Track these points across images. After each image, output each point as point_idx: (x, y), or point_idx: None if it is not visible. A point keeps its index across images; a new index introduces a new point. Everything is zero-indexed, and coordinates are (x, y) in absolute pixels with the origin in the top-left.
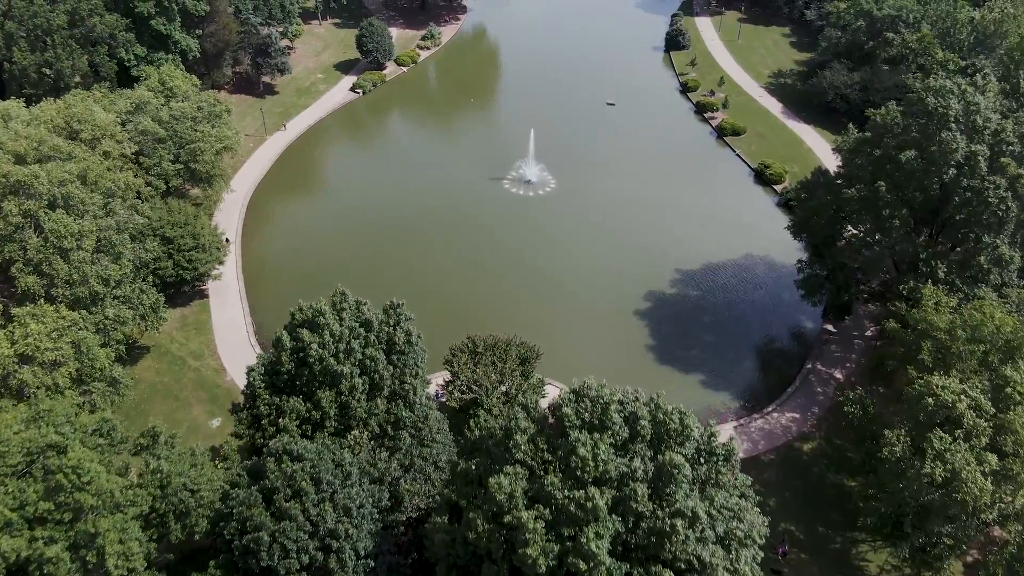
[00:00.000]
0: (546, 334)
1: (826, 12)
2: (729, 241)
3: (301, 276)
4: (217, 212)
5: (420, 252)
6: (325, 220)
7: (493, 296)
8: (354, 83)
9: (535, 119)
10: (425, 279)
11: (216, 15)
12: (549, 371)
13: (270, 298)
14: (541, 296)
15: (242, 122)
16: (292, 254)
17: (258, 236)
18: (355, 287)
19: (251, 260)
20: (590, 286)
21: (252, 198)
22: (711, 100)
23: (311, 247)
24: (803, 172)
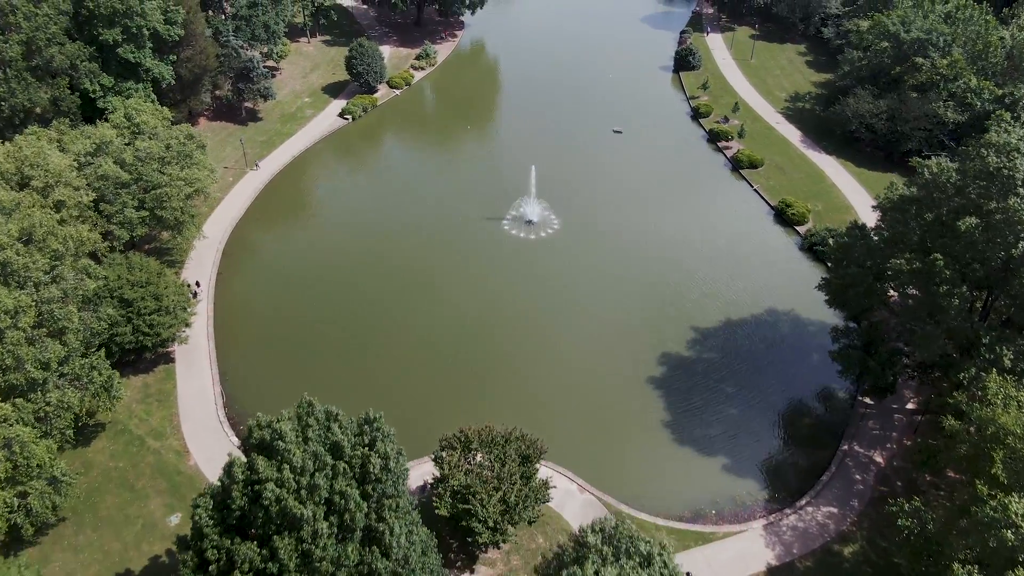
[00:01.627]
0: (548, 408)
1: (845, 30)
2: (750, 292)
3: (279, 335)
4: (188, 261)
5: (409, 307)
6: (307, 268)
7: (489, 362)
8: (343, 108)
9: (536, 149)
10: (413, 339)
11: (192, 39)
12: (553, 452)
13: (244, 362)
14: (543, 362)
15: (222, 152)
16: (270, 308)
17: (233, 287)
18: (336, 351)
19: (224, 316)
20: (598, 349)
21: (228, 241)
22: (725, 128)
23: (291, 300)
24: (827, 212)
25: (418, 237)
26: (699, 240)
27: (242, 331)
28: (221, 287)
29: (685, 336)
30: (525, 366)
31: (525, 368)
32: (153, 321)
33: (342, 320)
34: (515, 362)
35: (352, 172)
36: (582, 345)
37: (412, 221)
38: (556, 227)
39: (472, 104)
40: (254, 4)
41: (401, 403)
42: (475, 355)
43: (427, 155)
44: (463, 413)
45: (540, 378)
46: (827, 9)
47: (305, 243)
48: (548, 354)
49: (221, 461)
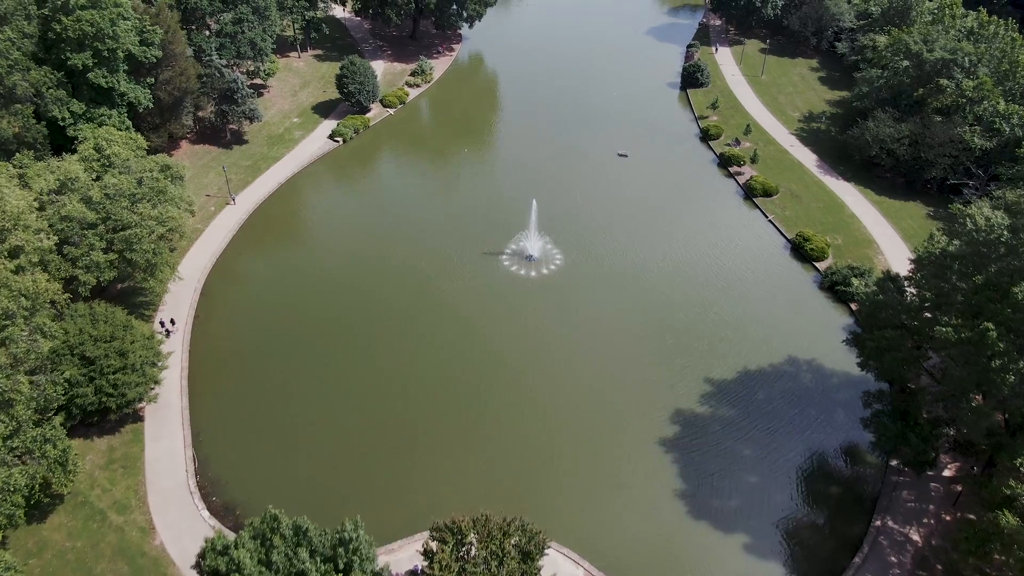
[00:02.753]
0: (549, 472)
1: (860, 46)
2: (767, 338)
3: (259, 386)
4: (162, 305)
5: (398, 355)
6: (291, 309)
7: (485, 419)
8: (333, 130)
9: (537, 174)
10: (401, 392)
11: (172, 59)
12: (556, 527)
13: (220, 419)
14: (543, 420)
15: (204, 178)
16: (251, 355)
17: (211, 331)
18: (320, 404)
19: (200, 364)
20: (605, 406)
21: (207, 279)
22: (737, 152)
23: (274, 346)
24: (848, 247)
25: (410, 275)
26: (711, 278)
27: (219, 383)
28: (198, 331)
29: (699, 389)
30: (524, 424)
31: (524, 427)
32: (118, 381)
33: (327, 369)
34: (513, 420)
35: (341, 202)
36: (586, 400)
37: (404, 257)
38: (558, 263)
39: (470, 124)
40: (239, 20)
41: (388, 466)
42: (470, 411)
43: (421, 182)
44: (456, 476)
45: (540, 438)
46: (840, 23)
47: (289, 282)
48: (549, 411)
49: (189, 540)
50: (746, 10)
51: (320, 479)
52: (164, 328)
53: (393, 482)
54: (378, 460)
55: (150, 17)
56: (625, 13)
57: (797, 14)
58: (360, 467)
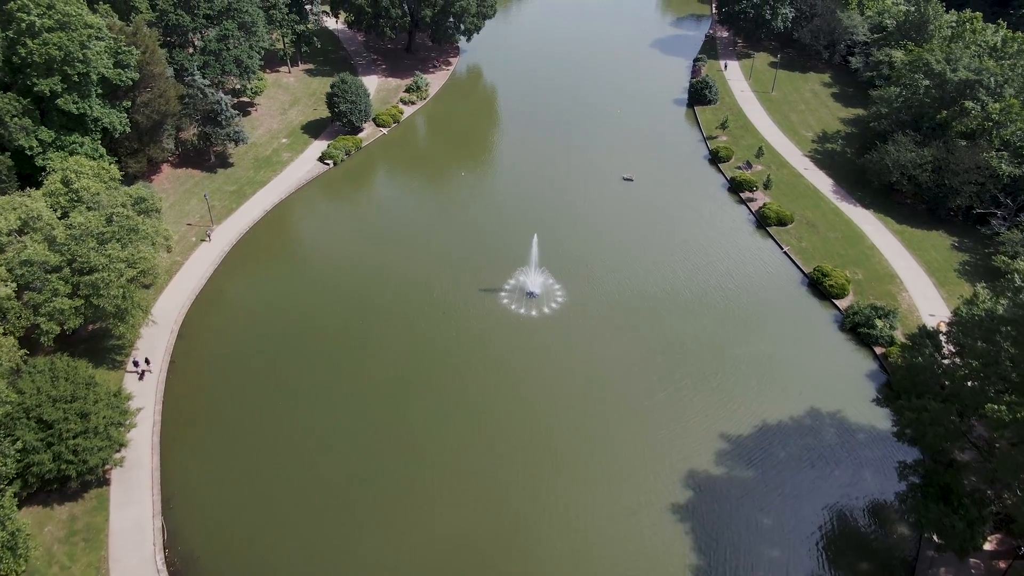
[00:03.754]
0: (548, 547)
1: (875, 61)
2: (787, 388)
3: (237, 442)
4: (138, 341)
5: (389, 410)
6: (274, 353)
7: (479, 492)
8: (323, 152)
9: (538, 200)
10: (392, 454)
11: (150, 81)
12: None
13: (194, 482)
14: (543, 484)
15: (186, 205)
16: (230, 406)
17: (188, 379)
18: (302, 464)
19: (174, 418)
20: (609, 468)
21: (186, 319)
22: (748, 176)
23: (255, 394)
24: (869, 282)
25: (401, 317)
26: (724, 317)
27: (195, 439)
28: (173, 379)
29: (713, 446)
30: (522, 484)
31: (519, 501)
32: (78, 446)
33: (312, 422)
34: (509, 493)
35: (329, 232)
36: (590, 462)
37: (395, 296)
38: (560, 300)
39: (467, 145)
40: (224, 36)
41: (381, 542)
42: (465, 470)
43: (416, 209)
44: (449, 542)
45: (540, 498)
46: (854, 36)
47: (273, 323)
48: (548, 470)
49: None
50: (755, 23)
51: (304, 556)
52: (138, 368)
53: (387, 560)
54: (370, 533)
55: (126, 37)
56: (628, 23)
57: (808, 27)
58: (350, 542)
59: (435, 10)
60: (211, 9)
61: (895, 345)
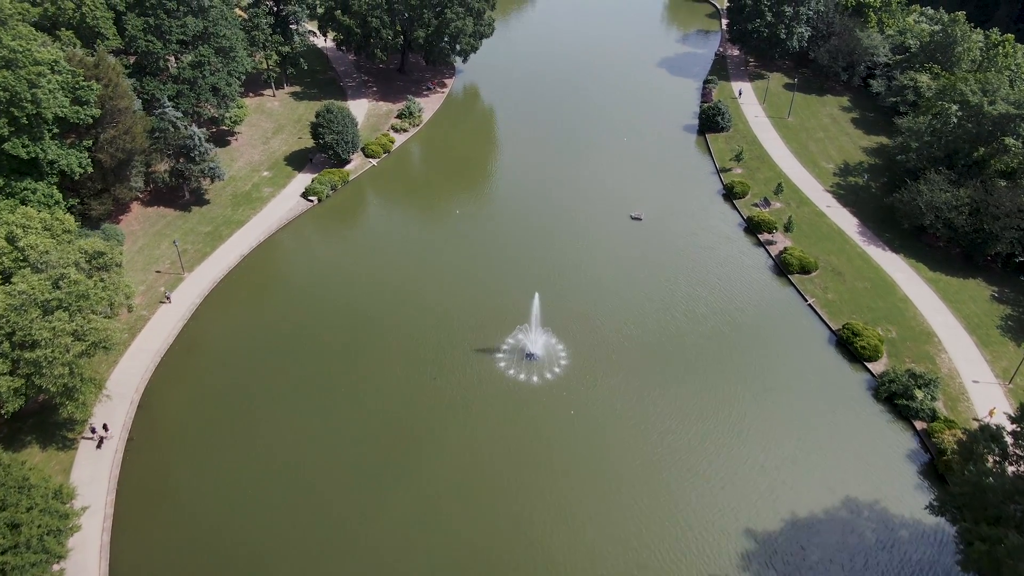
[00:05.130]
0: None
1: (899, 86)
2: (818, 473)
3: (204, 536)
4: (97, 405)
5: (367, 503)
6: (245, 428)
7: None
8: (307, 187)
9: (539, 242)
10: (368, 556)
11: (115, 116)
12: None
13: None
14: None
15: (155, 250)
16: (194, 491)
17: (146, 460)
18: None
19: (129, 508)
20: (617, 572)
21: (149, 387)
22: (767, 216)
23: (221, 480)
24: (904, 341)
25: (386, 382)
26: (745, 386)
27: (151, 538)
28: (132, 459)
29: (741, 546)
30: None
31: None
32: (6, 564)
33: (283, 518)
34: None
35: (309, 282)
36: (598, 569)
37: (379, 357)
38: (564, 363)
39: (462, 177)
40: (199, 63)
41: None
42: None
43: (405, 253)
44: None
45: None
46: (875, 57)
47: (246, 387)
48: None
49: None
50: (769, 42)
51: None
52: (95, 435)
53: None
54: None
55: (86, 69)
56: (633, 40)
57: (825, 47)
58: None
59: (428, 31)
60: (185, 34)
61: (938, 421)
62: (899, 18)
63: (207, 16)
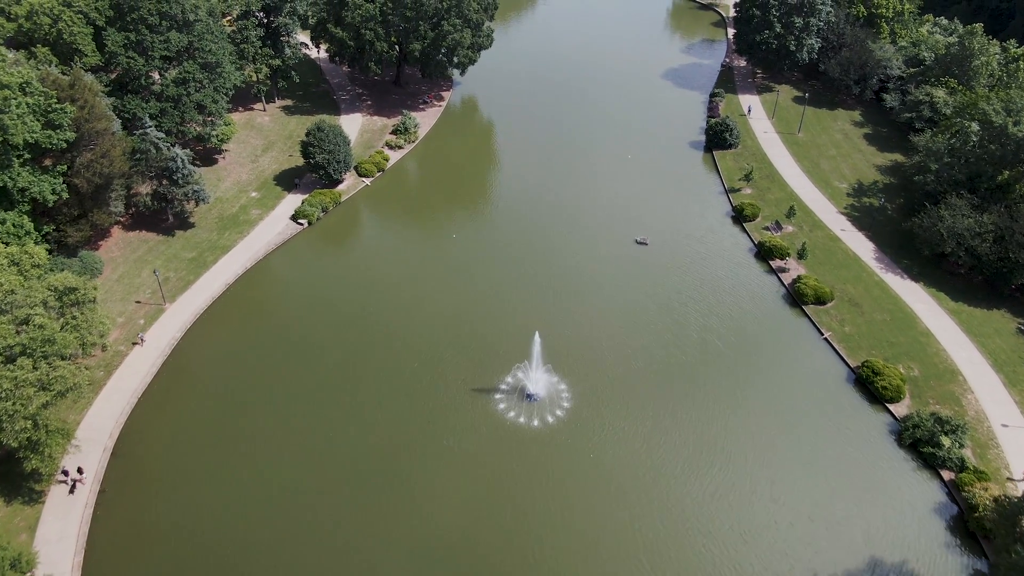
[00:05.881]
0: None
1: (914, 101)
2: (840, 528)
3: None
4: (69, 448)
5: (355, 548)
6: (226, 478)
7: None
8: (297, 210)
9: (539, 268)
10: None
11: (91, 139)
12: None
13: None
14: None
15: (136, 278)
16: (174, 553)
17: (120, 514)
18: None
19: (99, 570)
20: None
21: (124, 431)
22: (779, 242)
23: (202, 535)
24: (927, 379)
25: (378, 424)
26: (760, 428)
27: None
28: (103, 518)
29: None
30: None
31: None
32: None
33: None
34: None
35: (297, 312)
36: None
37: (369, 395)
38: (567, 405)
39: (459, 197)
40: (183, 80)
41: None
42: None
43: (398, 282)
44: None
45: None
46: (887, 70)
47: (227, 433)
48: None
49: None
50: (777, 54)
51: None
52: (68, 478)
53: None
54: None
55: (60, 90)
56: (636, 50)
57: (836, 59)
58: None
59: (425, 44)
60: (168, 50)
61: (967, 471)
62: (912, 29)
63: (192, 31)
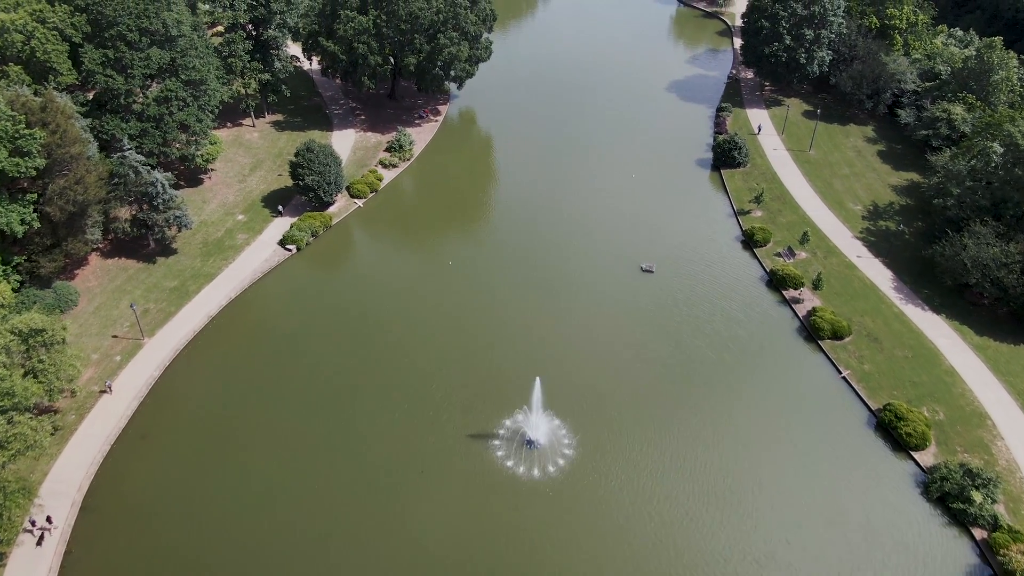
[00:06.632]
0: None
1: (931, 118)
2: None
3: None
4: (32, 508)
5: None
6: (205, 528)
7: None
8: (285, 235)
9: (539, 298)
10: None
11: (64, 165)
12: None
13: None
14: None
15: (113, 310)
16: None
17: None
18: None
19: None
20: None
21: (94, 485)
22: (792, 270)
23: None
24: (953, 424)
25: (366, 472)
26: (778, 485)
27: None
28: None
29: None
30: None
31: None
32: None
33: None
34: None
35: (282, 349)
36: None
37: (358, 441)
38: (569, 453)
39: (456, 219)
40: (165, 99)
41: None
42: None
43: (390, 313)
44: None
45: None
46: (902, 84)
47: (206, 482)
48: None
49: None
50: (787, 66)
51: None
52: (35, 528)
53: None
54: None
55: (30, 114)
56: (640, 60)
57: (848, 72)
58: None
59: (420, 57)
60: (149, 68)
61: (1001, 531)
62: (926, 41)
63: (175, 46)
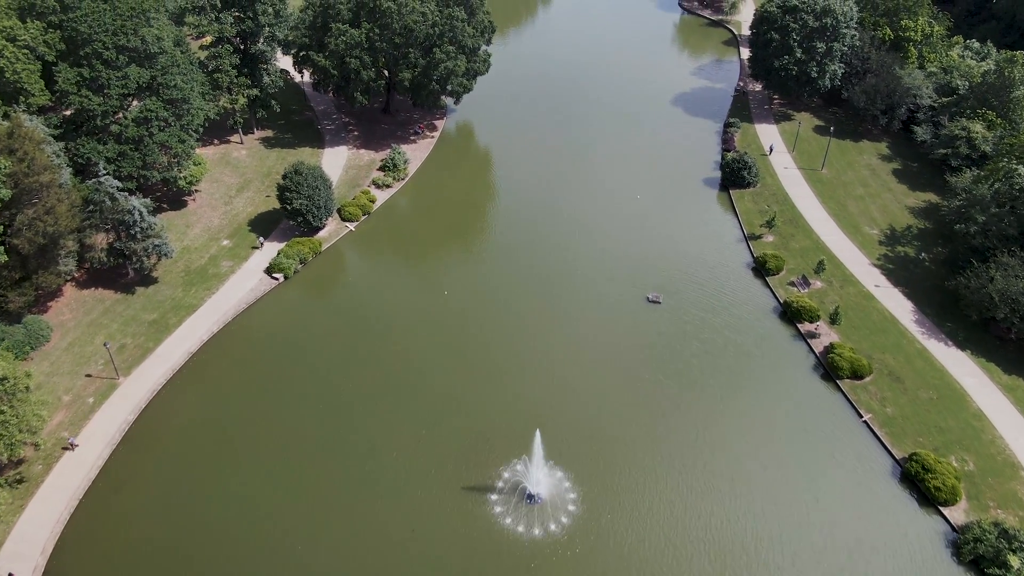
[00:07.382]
0: None
1: (949, 136)
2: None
3: None
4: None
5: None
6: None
7: None
8: (272, 262)
9: (540, 333)
10: None
11: (33, 194)
12: None
13: None
14: None
15: (87, 346)
16: None
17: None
18: None
19: None
20: None
21: (59, 545)
22: (807, 301)
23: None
24: (984, 475)
25: (353, 532)
26: (798, 544)
27: None
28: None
29: None
30: None
31: None
32: None
33: None
34: None
35: (266, 388)
36: None
37: (345, 499)
38: (573, 508)
39: (451, 244)
40: (145, 120)
41: None
42: None
43: (379, 353)
44: None
45: None
46: (918, 99)
47: (182, 541)
48: None
49: None
50: (797, 80)
51: None
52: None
53: None
54: None
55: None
56: (644, 70)
57: (861, 86)
58: None
59: (415, 72)
60: (127, 87)
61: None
62: (941, 53)
63: (155, 64)
